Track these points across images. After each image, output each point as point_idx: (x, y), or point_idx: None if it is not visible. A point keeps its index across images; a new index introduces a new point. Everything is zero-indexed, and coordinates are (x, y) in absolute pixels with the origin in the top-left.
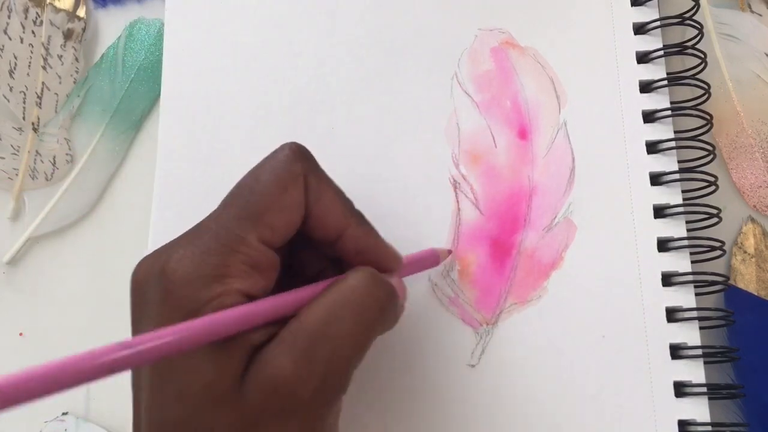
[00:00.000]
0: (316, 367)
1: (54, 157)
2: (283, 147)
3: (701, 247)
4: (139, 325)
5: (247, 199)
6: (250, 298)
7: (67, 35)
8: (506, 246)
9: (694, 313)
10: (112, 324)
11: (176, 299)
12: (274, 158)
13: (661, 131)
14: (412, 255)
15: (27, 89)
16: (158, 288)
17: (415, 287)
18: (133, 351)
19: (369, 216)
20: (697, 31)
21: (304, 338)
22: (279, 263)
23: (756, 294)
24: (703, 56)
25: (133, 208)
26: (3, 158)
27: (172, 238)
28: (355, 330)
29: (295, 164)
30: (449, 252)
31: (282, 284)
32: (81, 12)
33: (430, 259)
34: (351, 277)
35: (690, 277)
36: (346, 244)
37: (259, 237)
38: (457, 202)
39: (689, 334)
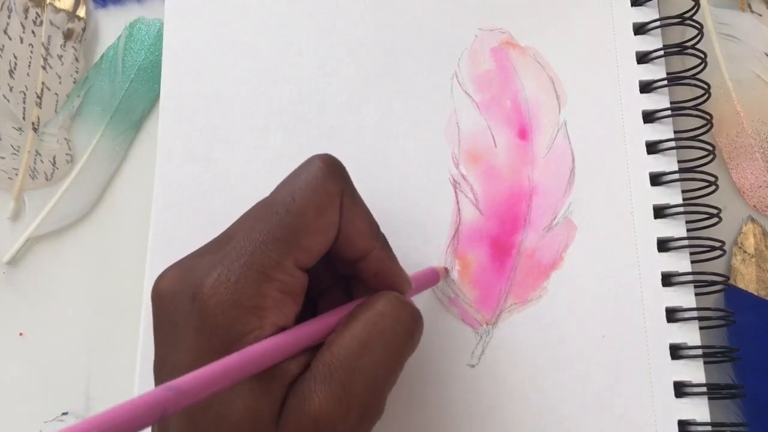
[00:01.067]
0: (354, 401)
1: (54, 157)
2: (315, 160)
3: (701, 247)
4: (167, 346)
5: (282, 219)
6: (283, 327)
7: (67, 35)
8: (506, 246)
9: (694, 313)
10: (112, 324)
11: (212, 328)
12: (309, 173)
13: (661, 131)
14: (415, 274)
15: (27, 89)
16: (191, 312)
17: None
18: (182, 394)
19: None
20: (697, 31)
21: (339, 371)
22: (307, 285)
23: (756, 294)
24: (703, 56)
25: (133, 208)
26: (3, 158)
27: (172, 239)
28: (388, 358)
29: (332, 183)
30: (446, 270)
31: None
32: (81, 12)
33: (431, 278)
34: (378, 303)
35: (690, 277)
36: (368, 266)
37: (294, 261)
38: (457, 202)
39: (689, 334)
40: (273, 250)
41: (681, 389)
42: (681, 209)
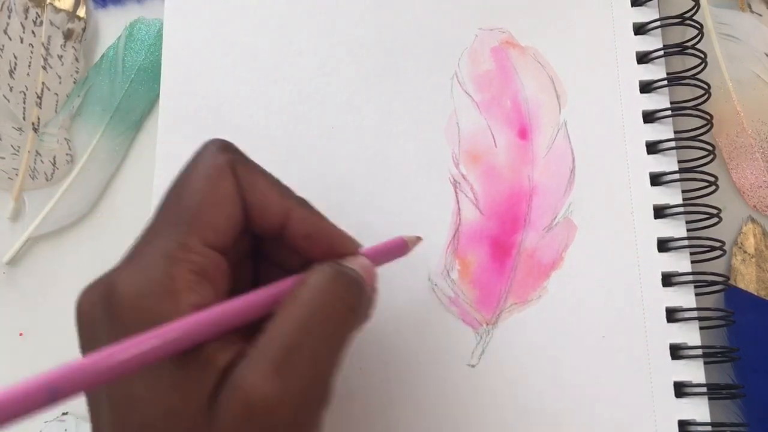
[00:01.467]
0: (293, 383)
1: (54, 157)
2: (205, 144)
3: (701, 247)
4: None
5: (178, 202)
6: (201, 308)
7: (67, 35)
8: (506, 246)
9: (694, 313)
10: None
11: (125, 322)
12: (198, 156)
13: (661, 131)
14: (377, 245)
15: (27, 89)
16: (105, 314)
17: (415, 287)
18: (75, 370)
19: (369, 216)
20: (697, 31)
21: (275, 353)
22: (228, 270)
23: (756, 294)
24: (703, 56)
25: (133, 208)
26: (3, 158)
27: None
28: (329, 337)
29: (219, 156)
30: (418, 238)
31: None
32: (81, 12)
33: (397, 248)
34: (311, 278)
35: (690, 277)
36: (294, 230)
37: (201, 239)
38: (457, 201)
39: (689, 334)
40: (174, 233)
41: (681, 389)
42: (681, 209)
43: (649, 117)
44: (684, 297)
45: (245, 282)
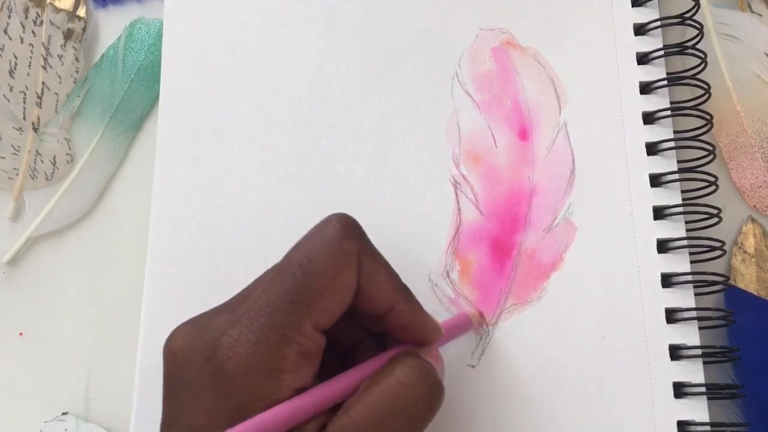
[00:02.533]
0: None
1: (54, 157)
2: (332, 219)
3: (701, 247)
4: (179, 404)
5: (299, 280)
6: (299, 389)
7: (67, 35)
8: (506, 246)
9: (694, 314)
10: (112, 324)
11: (229, 390)
12: (325, 234)
13: (661, 132)
14: (448, 321)
15: (27, 89)
16: (207, 372)
17: (415, 287)
18: None
19: (369, 216)
20: (697, 31)
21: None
22: (324, 346)
23: (756, 294)
24: (703, 56)
25: (133, 208)
26: (3, 158)
27: (171, 239)
28: (405, 429)
29: (348, 243)
30: (481, 315)
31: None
32: (81, 12)
33: (464, 324)
34: (399, 371)
35: (690, 278)
36: (393, 320)
37: (313, 324)
38: (458, 202)
39: (689, 335)
40: (292, 312)
41: (680, 390)
42: (681, 210)
43: (648, 118)
44: (683, 298)
45: None
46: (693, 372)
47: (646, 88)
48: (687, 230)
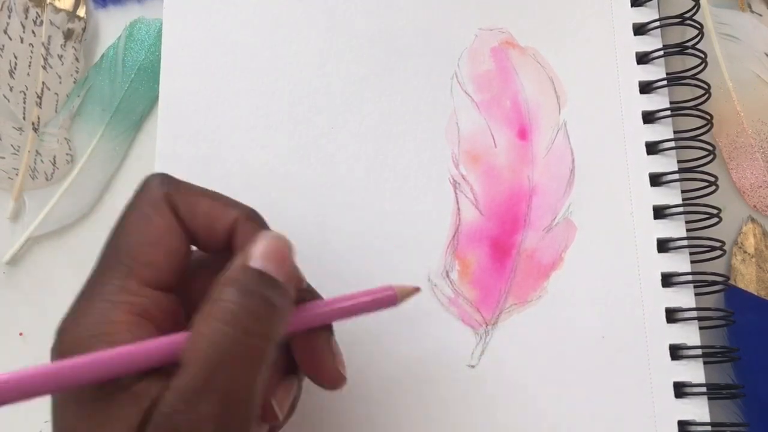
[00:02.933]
0: (214, 407)
1: (54, 157)
2: (143, 181)
3: (701, 247)
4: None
5: (115, 245)
6: None
7: (67, 35)
8: (506, 246)
9: (694, 314)
10: None
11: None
12: (135, 195)
13: (661, 132)
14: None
15: (27, 89)
16: (53, 357)
17: None
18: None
19: (369, 216)
20: (697, 31)
21: (193, 381)
22: (173, 306)
23: (756, 294)
24: (703, 56)
25: None
26: (3, 158)
27: None
28: (243, 352)
29: (155, 191)
30: (415, 290)
31: None
32: (81, 12)
33: (382, 301)
34: (218, 296)
35: (690, 278)
36: (239, 243)
37: (141, 280)
38: (457, 202)
39: (689, 335)
40: (112, 275)
41: (681, 389)
42: (681, 209)
43: (648, 117)
44: (684, 297)
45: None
46: (693, 372)
47: (645, 88)
48: (687, 230)
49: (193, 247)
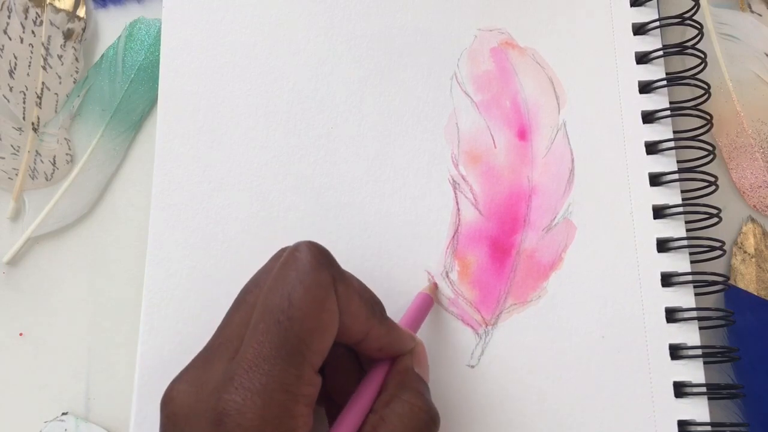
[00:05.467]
0: None
1: (54, 157)
2: (300, 249)
3: (701, 247)
4: None
5: (287, 328)
6: None
7: (67, 35)
8: (506, 246)
9: (694, 314)
10: (112, 324)
11: None
12: (298, 268)
13: (661, 132)
14: (410, 312)
15: (27, 89)
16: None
17: (415, 288)
18: None
19: (369, 216)
20: (697, 31)
21: None
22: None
23: (756, 294)
24: (703, 56)
25: (132, 208)
26: (3, 158)
27: (171, 239)
28: None
29: (324, 274)
30: (435, 285)
31: None
32: (81, 12)
33: (426, 306)
34: (398, 408)
35: (689, 278)
36: (369, 345)
37: (312, 368)
38: (457, 202)
39: (689, 335)
40: (290, 365)
41: (680, 389)
42: (681, 209)
43: (648, 117)
44: (683, 297)
45: None
46: (693, 372)
47: (645, 88)
48: (687, 230)
49: None
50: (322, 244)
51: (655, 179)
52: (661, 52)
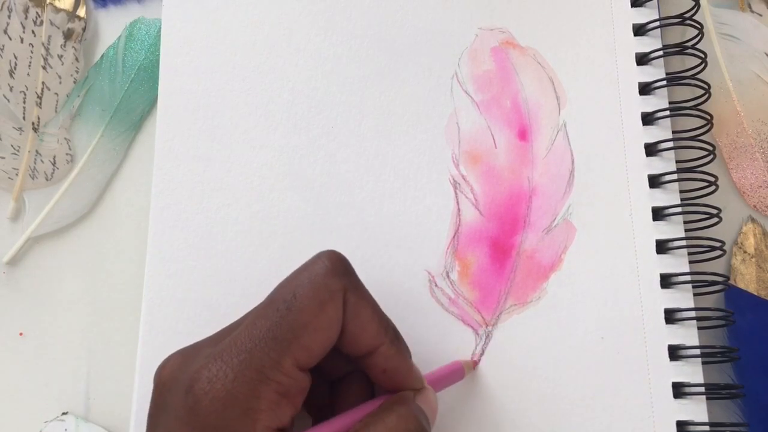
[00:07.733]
0: None
1: (54, 157)
2: (320, 256)
3: (701, 247)
4: (154, 429)
5: (282, 316)
6: (276, 429)
7: (67, 35)
8: (506, 247)
9: (693, 314)
10: (111, 324)
11: (202, 426)
12: (312, 270)
13: (661, 132)
14: (440, 370)
15: (27, 89)
16: (183, 403)
17: (415, 288)
18: None
19: (369, 216)
20: (697, 31)
21: None
22: (306, 384)
23: (756, 294)
24: (703, 56)
25: (133, 208)
26: (3, 158)
27: (171, 239)
28: None
29: (334, 279)
30: (474, 363)
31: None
32: (81, 12)
33: (456, 374)
34: (388, 419)
35: (689, 278)
36: (375, 362)
37: (294, 361)
38: (457, 202)
39: (688, 335)
40: (272, 349)
41: (679, 390)
42: (680, 210)
43: (648, 118)
44: (683, 298)
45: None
46: (692, 372)
47: (645, 89)
48: (687, 230)
49: None
50: (348, 261)
51: (655, 180)
52: (661, 52)
